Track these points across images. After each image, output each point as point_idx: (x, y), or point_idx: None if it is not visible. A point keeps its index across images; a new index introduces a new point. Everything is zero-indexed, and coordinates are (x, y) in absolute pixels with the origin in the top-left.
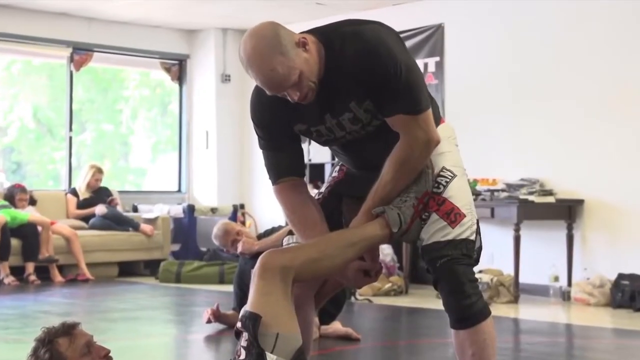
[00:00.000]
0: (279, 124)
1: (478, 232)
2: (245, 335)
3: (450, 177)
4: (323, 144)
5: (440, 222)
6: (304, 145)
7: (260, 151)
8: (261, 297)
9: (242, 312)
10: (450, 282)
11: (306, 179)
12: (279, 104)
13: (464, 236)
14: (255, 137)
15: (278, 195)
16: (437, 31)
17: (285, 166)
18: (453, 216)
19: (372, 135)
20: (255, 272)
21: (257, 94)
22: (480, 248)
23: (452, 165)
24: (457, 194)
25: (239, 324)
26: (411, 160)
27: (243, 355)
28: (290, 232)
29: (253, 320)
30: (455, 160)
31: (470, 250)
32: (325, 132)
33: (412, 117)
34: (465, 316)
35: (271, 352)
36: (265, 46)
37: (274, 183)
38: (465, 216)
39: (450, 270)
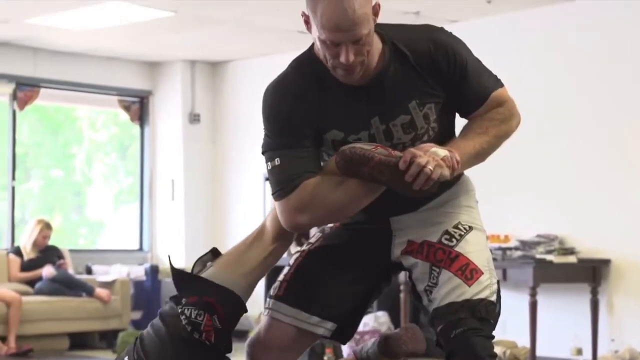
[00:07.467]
0: (305, 123)
1: (498, 295)
2: None
3: (465, 231)
4: None
5: (454, 279)
6: None
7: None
8: None
9: None
10: (467, 357)
11: None
12: (312, 100)
13: (482, 295)
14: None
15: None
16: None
17: (306, 166)
18: (469, 272)
19: None
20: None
21: (287, 82)
22: (499, 314)
23: (468, 222)
24: (473, 249)
25: None
26: (506, 134)
27: None
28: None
29: None
30: (474, 217)
31: (490, 314)
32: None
33: (501, 92)
34: None
35: None
36: None
37: (287, 190)
38: (483, 273)
39: (466, 342)
